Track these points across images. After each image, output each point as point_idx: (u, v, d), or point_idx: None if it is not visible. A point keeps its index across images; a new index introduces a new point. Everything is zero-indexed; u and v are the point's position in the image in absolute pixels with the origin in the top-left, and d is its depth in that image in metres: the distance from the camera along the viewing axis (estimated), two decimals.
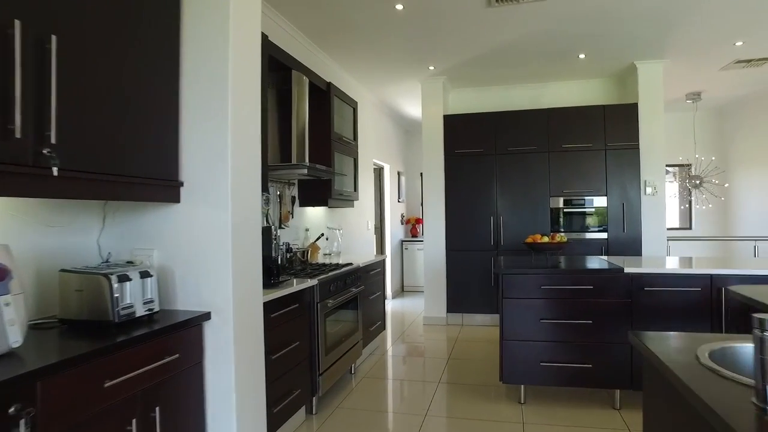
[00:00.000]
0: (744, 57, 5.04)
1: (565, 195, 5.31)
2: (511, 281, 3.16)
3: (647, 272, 3.02)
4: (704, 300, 2.97)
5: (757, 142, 6.62)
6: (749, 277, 2.91)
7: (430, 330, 5.40)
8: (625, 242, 5.19)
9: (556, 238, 3.52)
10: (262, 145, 2.36)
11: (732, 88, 6.26)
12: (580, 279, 3.08)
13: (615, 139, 5.19)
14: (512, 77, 5.65)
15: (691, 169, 7.02)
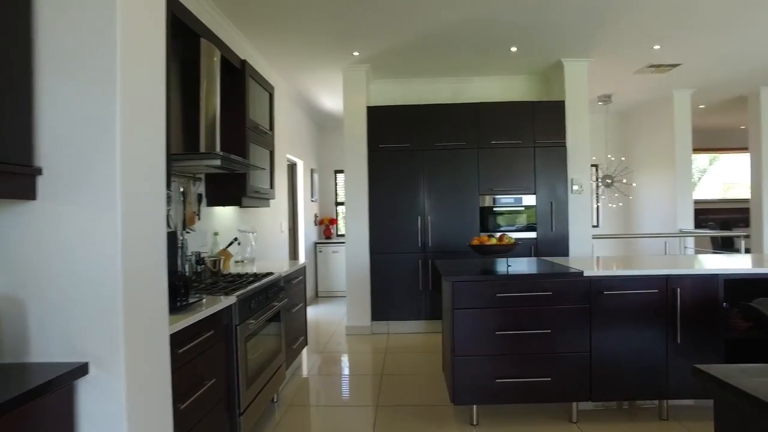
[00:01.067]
0: (657, 62, 5.19)
1: (494, 193, 5.12)
2: (463, 289, 2.78)
3: (607, 275, 2.81)
4: (661, 301, 2.82)
5: (657, 145, 7.00)
6: (701, 276, 2.81)
7: (355, 341, 4.92)
8: (554, 241, 5.11)
9: (504, 239, 3.21)
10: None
11: (638, 92, 6.52)
12: (539, 285, 2.79)
13: (543, 137, 5.09)
14: (438, 69, 5.35)
15: (601, 169, 7.27)
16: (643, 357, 2.82)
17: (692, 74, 5.74)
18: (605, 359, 2.81)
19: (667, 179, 6.80)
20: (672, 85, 6.22)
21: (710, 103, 7.11)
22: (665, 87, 6.30)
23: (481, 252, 3.16)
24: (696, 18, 4.04)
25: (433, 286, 5.12)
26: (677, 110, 6.54)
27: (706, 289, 2.82)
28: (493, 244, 3.15)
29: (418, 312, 5.15)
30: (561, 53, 4.91)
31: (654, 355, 2.82)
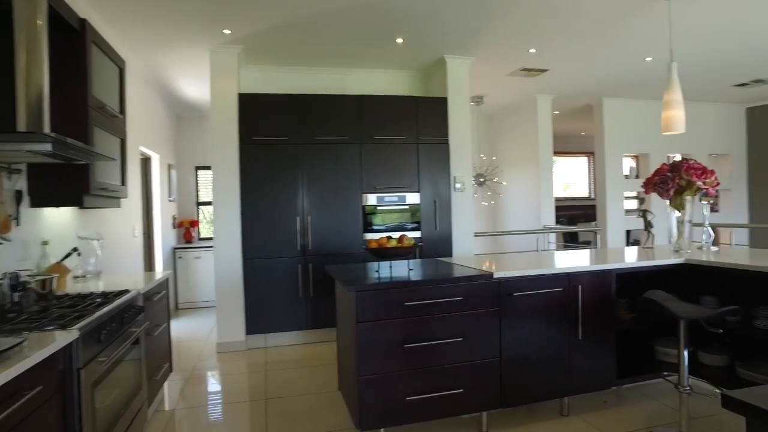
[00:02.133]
0: (529, 66, 5.42)
1: (378, 191, 4.87)
2: (368, 300, 2.44)
3: (517, 276, 2.69)
4: (565, 299, 2.79)
5: (522, 146, 7.44)
6: (597, 272, 2.84)
7: (229, 360, 4.30)
8: (438, 241, 5.04)
9: (404, 240, 2.95)
10: None
11: (507, 95, 6.84)
12: (450, 289, 2.57)
13: (427, 133, 4.98)
14: (318, 57, 4.95)
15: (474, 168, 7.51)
16: (549, 357, 2.76)
17: (555, 82, 6.14)
18: (515, 363, 2.69)
19: (531, 178, 7.25)
20: (536, 90, 6.62)
21: (563, 110, 7.77)
22: (530, 92, 6.69)
23: (379, 255, 2.85)
24: (571, 25, 4.23)
25: (316, 292, 4.71)
26: (540, 114, 7.00)
27: (601, 284, 2.86)
28: (394, 246, 2.86)
29: (299, 322, 4.69)
30: (445, 49, 4.84)
31: (559, 354, 2.78)
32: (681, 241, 3.43)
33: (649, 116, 7.59)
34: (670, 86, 3.62)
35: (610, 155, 7.33)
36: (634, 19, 4.13)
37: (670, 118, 3.62)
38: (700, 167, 3.27)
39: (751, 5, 3.92)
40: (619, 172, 7.43)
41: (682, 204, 3.41)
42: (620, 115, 7.37)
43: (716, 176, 3.30)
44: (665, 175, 3.34)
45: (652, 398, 3.13)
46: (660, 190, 3.37)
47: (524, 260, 3.22)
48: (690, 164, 3.31)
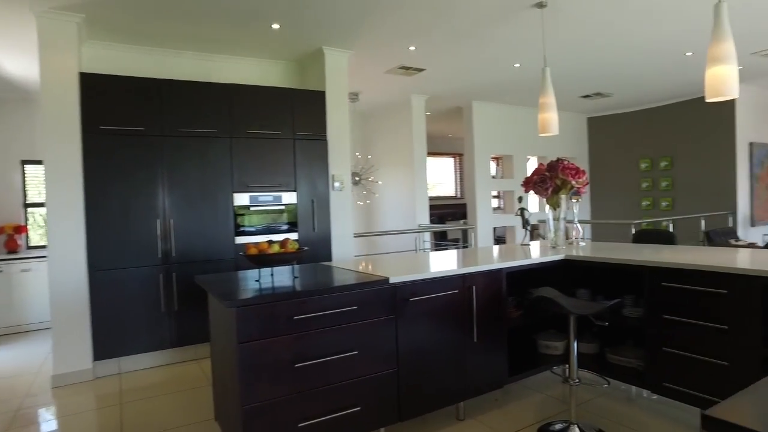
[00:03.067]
0: (408, 64, 5.38)
1: (251, 191, 4.43)
2: (251, 316, 2.08)
3: (414, 279, 2.52)
4: (460, 301, 2.69)
5: (396, 146, 7.46)
6: (489, 272, 2.81)
7: (70, 394, 3.55)
8: (317, 242, 4.74)
9: (288, 245, 2.62)
10: None
11: (382, 93, 6.78)
12: (344, 299, 2.31)
13: (304, 129, 4.66)
14: (180, 38, 4.35)
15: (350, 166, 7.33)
16: (447, 362, 2.65)
17: (430, 82, 6.22)
18: (413, 373, 2.52)
19: (406, 178, 7.30)
20: (412, 90, 6.65)
21: (434, 111, 7.97)
22: (406, 91, 6.70)
23: (260, 262, 2.48)
24: (452, 24, 4.23)
25: (181, 305, 4.12)
26: (415, 114, 7.07)
27: (493, 283, 2.83)
28: (277, 252, 2.52)
29: (162, 340, 4.06)
30: (324, 40, 4.57)
31: (456, 358, 2.68)
32: (557, 238, 3.59)
33: (513, 120, 8.14)
34: (544, 90, 3.78)
35: (479, 156, 7.69)
36: (510, 23, 4.27)
37: (545, 121, 3.78)
38: (574, 167, 3.44)
39: (597, 24, 4.29)
40: (487, 172, 7.83)
41: (557, 202, 3.56)
42: (488, 117, 7.77)
43: (586, 176, 3.50)
44: (544, 175, 3.46)
45: (537, 390, 3.21)
46: (539, 189, 3.48)
47: (414, 262, 3.08)
48: (565, 164, 3.46)
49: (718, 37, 2.69)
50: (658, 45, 5.04)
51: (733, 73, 2.66)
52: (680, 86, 7.01)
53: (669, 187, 8.10)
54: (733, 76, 2.66)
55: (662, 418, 2.75)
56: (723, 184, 7.34)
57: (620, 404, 2.96)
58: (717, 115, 7.34)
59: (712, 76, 2.70)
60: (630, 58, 5.47)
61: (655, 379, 2.68)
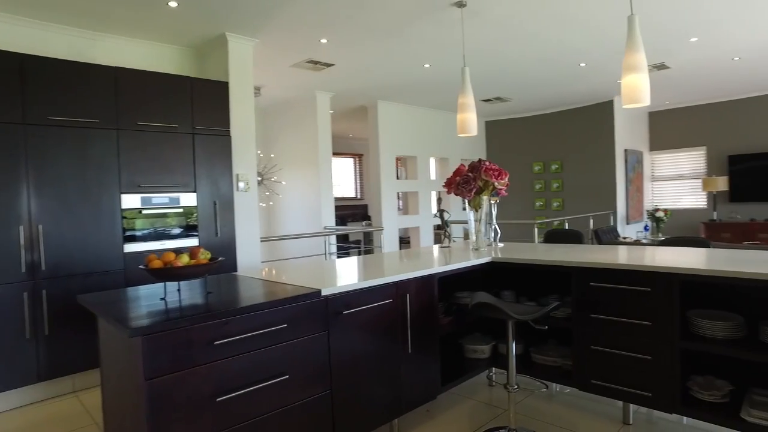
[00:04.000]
0: (317, 58, 5.10)
1: (143, 191, 3.87)
2: (159, 346, 1.70)
3: (348, 290, 2.28)
4: (394, 311, 2.51)
5: (300, 145, 7.11)
6: (422, 278, 2.66)
7: None
8: (220, 248, 4.28)
9: (199, 255, 2.23)
10: None
11: (286, 89, 6.40)
12: (272, 316, 2.00)
13: (204, 122, 4.18)
14: (51, 8, 3.66)
15: None
16: (382, 378, 2.44)
17: (337, 79, 5.98)
18: (347, 393, 2.28)
19: (310, 178, 6.98)
20: (317, 86, 6.36)
21: (337, 110, 7.75)
22: (311, 87, 6.40)
23: (165, 277, 2.09)
24: (367, 18, 4.04)
25: (54, 328, 3.45)
26: (320, 112, 6.78)
27: (426, 290, 2.69)
28: (187, 264, 2.14)
29: (28, 373, 3.36)
30: (228, 25, 4.13)
31: (391, 373, 2.49)
32: (479, 240, 3.56)
33: (417, 121, 8.19)
34: (464, 90, 3.74)
35: (384, 157, 7.61)
36: (427, 21, 4.19)
37: (464, 121, 3.74)
38: (497, 169, 3.43)
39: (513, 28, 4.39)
40: (392, 173, 7.78)
41: (479, 204, 3.53)
42: (393, 118, 7.72)
43: (508, 177, 3.51)
44: (467, 176, 3.41)
45: (464, 396, 3.13)
46: (462, 190, 3.42)
47: (341, 270, 2.84)
48: (487, 165, 3.44)
49: (632, 47, 2.80)
50: (559, 53, 5.31)
51: (646, 81, 2.79)
52: (571, 95, 7.53)
53: (559, 189, 8.70)
54: (646, 84, 2.78)
55: (586, 412, 2.81)
56: (605, 187, 8.04)
57: (545, 403, 2.98)
58: (600, 124, 8.02)
59: (627, 84, 2.81)
60: (533, 65, 5.72)
61: (584, 377, 2.72)
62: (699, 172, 8.58)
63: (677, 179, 8.85)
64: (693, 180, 8.65)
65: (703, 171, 8.52)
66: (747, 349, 2.25)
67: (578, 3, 3.96)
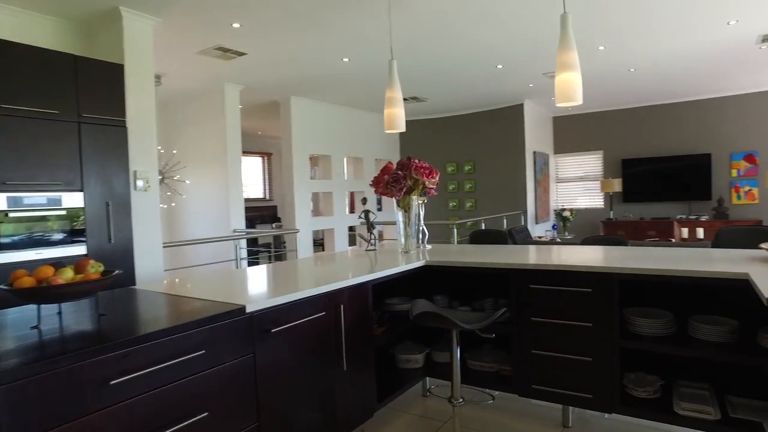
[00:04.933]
0: (228, 45, 4.64)
1: (11, 189, 3.21)
2: (27, 396, 1.28)
3: (277, 304, 1.96)
4: (328, 325, 2.22)
5: (207, 141, 6.53)
6: (356, 286, 2.40)
7: None
8: (114, 257, 3.70)
9: (87, 269, 1.79)
10: None
11: (191, 78, 5.82)
12: (186, 342, 1.63)
13: (94, 110, 3.58)
14: None
15: None
16: (315, 403, 2.15)
17: (248, 70, 5.54)
18: (277, 425, 1.96)
19: (219, 177, 6.43)
20: (226, 78, 5.86)
21: (246, 104, 7.24)
22: (218, 79, 5.88)
23: (39, 298, 1.64)
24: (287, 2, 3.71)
25: None
26: (229, 106, 6.26)
27: (360, 299, 2.44)
28: (71, 281, 1.70)
29: None
30: None
31: (326, 394, 2.20)
32: (408, 243, 3.37)
33: (331, 119, 7.91)
34: (392, 84, 3.53)
35: (297, 155, 7.24)
36: (351, 10, 3.93)
37: (392, 116, 3.53)
38: (427, 167, 3.27)
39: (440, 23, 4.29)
40: (305, 173, 7.43)
41: (408, 204, 3.35)
42: (306, 115, 7.37)
43: (439, 176, 3.37)
44: (397, 174, 3.21)
45: (401, 411, 2.93)
46: (392, 190, 3.22)
47: (264, 280, 2.50)
48: (417, 163, 3.27)
49: (565, 45, 2.76)
50: (480, 54, 5.32)
51: (579, 80, 2.76)
52: (486, 97, 7.68)
53: (472, 189, 8.87)
54: (578, 83, 2.76)
55: (527, 417, 2.72)
56: (516, 187, 8.32)
57: (484, 411, 2.86)
58: (511, 126, 8.28)
59: (561, 82, 2.76)
60: (453, 64, 5.69)
61: (524, 383, 2.62)
62: (597, 175, 9.20)
63: (578, 181, 9.42)
64: (592, 182, 9.26)
65: (600, 173, 9.15)
66: (680, 345, 2.28)
67: (504, 2, 3.93)
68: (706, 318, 2.41)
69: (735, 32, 4.91)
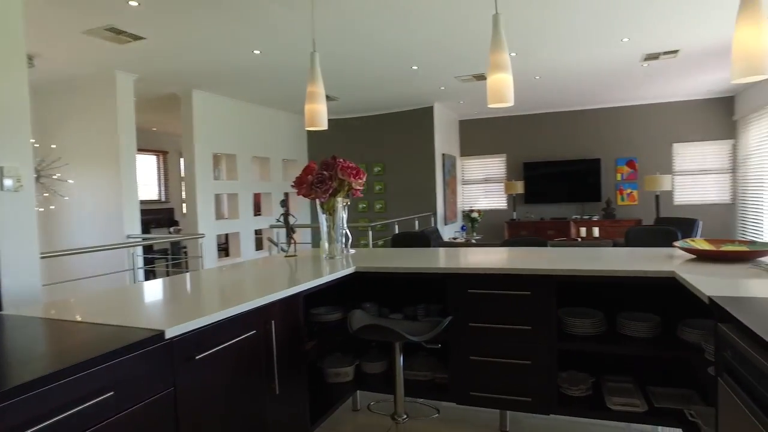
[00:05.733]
0: (121, 25, 4.10)
1: None
2: None
3: (203, 325, 1.66)
4: (258, 345, 1.96)
5: (91, 135, 5.77)
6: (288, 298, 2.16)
7: None
8: None
9: None
10: None
11: (74, 62, 5.10)
12: (87, 385, 1.29)
13: None
14: None
15: None
16: None
17: (144, 57, 4.97)
18: None
19: (109, 177, 5.72)
20: (118, 64, 5.21)
21: (140, 97, 6.55)
22: (108, 65, 5.22)
23: None
24: None
25: None
26: (121, 97, 5.59)
27: (291, 313, 2.20)
28: None
29: None
30: None
31: (257, 424, 1.93)
32: (333, 248, 3.17)
33: (237, 116, 7.44)
34: (313, 78, 3.30)
35: (200, 154, 6.69)
36: None
37: (314, 112, 3.30)
38: (354, 167, 3.10)
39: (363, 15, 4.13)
40: (209, 173, 6.89)
41: (333, 206, 3.15)
42: (209, 111, 6.84)
43: (366, 176, 3.21)
44: (323, 175, 2.99)
45: (332, 430, 2.71)
46: (317, 191, 3.00)
47: (179, 294, 2.16)
48: (343, 163, 3.08)
49: (497, 46, 2.74)
50: (396, 54, 5.24)
51: (511, 81, 2.75)
52: (398, 98, 7.66)
53: (382, 191, 8.83)
54: (511, 84, 2.75)
55: (465, 424, 2.65)
56: (425, 189, 8.41)
57: (420, 421, 2.74)
58: (421, 128, 8.36)
59: (494, 83, 2.73)
60: (370, 63, 5.56)
61: (462, 390, 2.54)
62: (501, 177, 9.62)
63: (483, 183, 9.79)
64: (496, 184, 9.66)
65: (504, 176, 9.58)
66: (611, 343, 2.33)
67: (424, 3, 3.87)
68: (633, 315, 2.50)
69: (626, 49, 5.33)
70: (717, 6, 4.22)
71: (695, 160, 8.39)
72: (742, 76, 2.25)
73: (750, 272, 2.07)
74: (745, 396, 1.42)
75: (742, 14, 2.24)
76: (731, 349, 1.52)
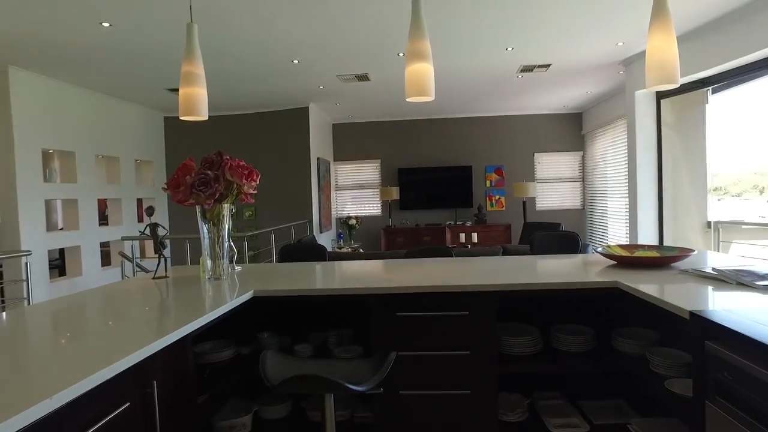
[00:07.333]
0: None
1: None
2: None
3: (53, 410, 1.01)
4: (135, 421, 1.33)
5: None
6: (173, 344, 1.56)
7: None
8: None
9: None
10: None
11: None
12: None
13: None
14: None
15: None
16: None
17: None
18: None
19: None
20: None
21: None
22: None
23: None
24: None
25: None
26: None
27: (178, 364, 1.60)
28: None
29: None
30: None
31: None
32: (218, 266, 2.56)
33: (76, 105, 6.18)
34: (190, 55, 2.65)
35: (23, 150, 5.36)
36: None
37: (191, 97, 2.65)
38: (246, 166, 2.57)
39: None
40: (36, 173, 5.56)
41: (219, 214, 2.56)
42: (38, 96, 5.53)
43: (259, 178, 2.67)
44: (206, 175, 2.38)
45: None
46: (200, 196, 2.38)
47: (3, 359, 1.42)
48: (232, 162, 2.51)
49: (417, 32, 2.42)
50: (278, 43, 4.68)
51: (431, 71, 2.45)
52: (272, 96, 7.02)
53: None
54: (431, 74, 2.45)
55: None
56: (300, 195, 7.86)
57: None
58: (296, 130, 7.79)
59: (413, 73, 2.41)
60: (245, 52, 4.90)
61: (389, 430, 2.14)
62: (375, 183, 9.46)
63: (358, 188, 9.54)
64: (371, 189, 9.48)
65: (378, 181, 9.43)
66: (549, 361, 2.15)
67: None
68: (567, 327, 2.35)
69: (508, 58, 5.46)
70: (595, 26, 4.46)
71: (553, 169, 9.14)
72: (657, 84, 2.24)
73: (690, 278, 2.02)
74: (750, 419, 1.26)
75: (654, 25, 2.21)
76: (728, 369, 1.36)
